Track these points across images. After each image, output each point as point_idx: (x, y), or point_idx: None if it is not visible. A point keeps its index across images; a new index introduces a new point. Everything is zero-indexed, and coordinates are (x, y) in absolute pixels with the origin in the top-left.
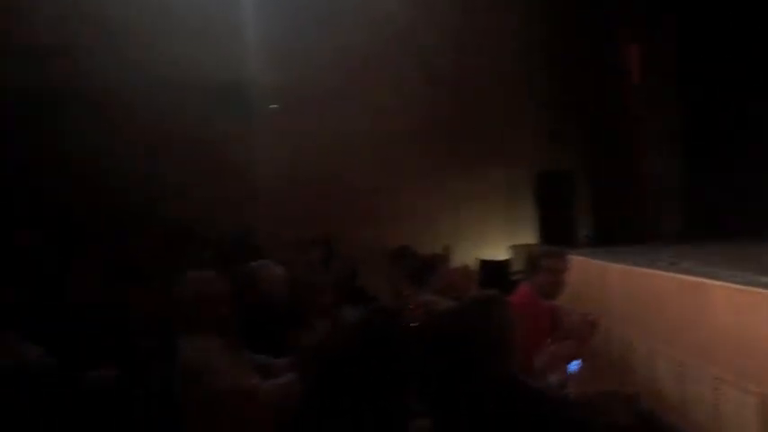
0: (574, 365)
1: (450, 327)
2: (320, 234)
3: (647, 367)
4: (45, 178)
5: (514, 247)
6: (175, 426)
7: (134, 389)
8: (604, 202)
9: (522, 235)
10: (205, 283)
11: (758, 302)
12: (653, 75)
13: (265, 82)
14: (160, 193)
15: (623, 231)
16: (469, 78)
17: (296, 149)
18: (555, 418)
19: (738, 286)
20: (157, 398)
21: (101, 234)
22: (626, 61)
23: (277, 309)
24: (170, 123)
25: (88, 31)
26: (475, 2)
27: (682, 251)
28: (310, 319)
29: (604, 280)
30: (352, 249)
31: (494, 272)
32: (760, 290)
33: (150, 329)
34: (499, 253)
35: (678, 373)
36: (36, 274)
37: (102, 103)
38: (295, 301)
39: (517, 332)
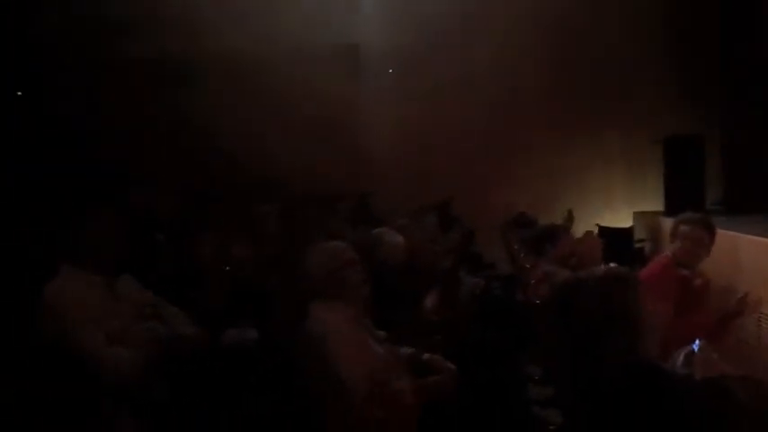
0: (696, 345)
1: (577, 301)
2: (436, 199)
3: None
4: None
5: (638, 215)
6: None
7: (273, 352)
8: (738, 168)
9: (647, 202)
10: (336, 252)
11: None
12: None
13: (379, 44)
14: (275, 157)
15: (758, 200)
16: (596, 35)
17: (409, 112)
18: (680, 400)
19: None
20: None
21: (222, 200)
22: None
23: (396, 277)
24: (284, 87)
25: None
26: None
27: None
28: (428, 287)
29: (736, 253)
30: (468, 215)
31: (616, 240)
32: None
33: (283, 294)
34: (622, 220)
35: None
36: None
37: (219, 69)
38: (413, 268)
39: (647, 311)
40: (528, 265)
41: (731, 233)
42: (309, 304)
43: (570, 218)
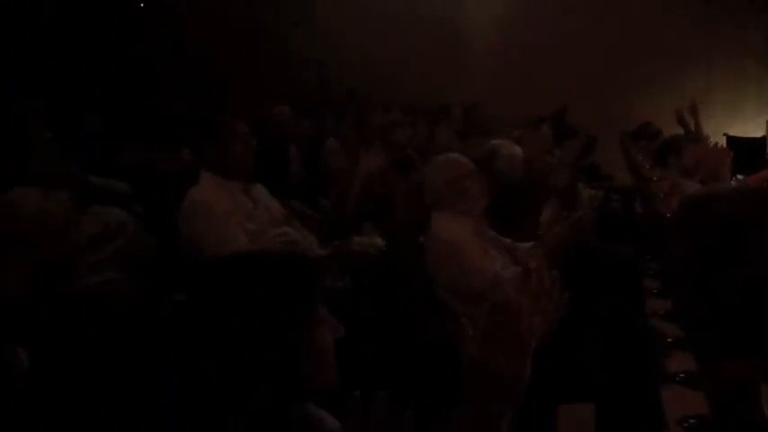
0: None
1: (709, 215)
2: (552, 109)
3: None
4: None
5: None
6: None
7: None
8: None
9: None
10: (455, 163)
11: None
12: None
13: None
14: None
15: None
16: None
17: (516, 14)
18: None
19: None
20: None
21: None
22: None
23: (513, 189)
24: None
25: None
26: None
27: None
28: (546, 200)
29: None
30: (583, 126)
31: (746, 150)
32: None
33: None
34: (753, 130)
35: None
36: None
37: None
38: (530, 181)
39: None
40: (654, 178)
41: None
42: (430, 214)
43: (697, 128)
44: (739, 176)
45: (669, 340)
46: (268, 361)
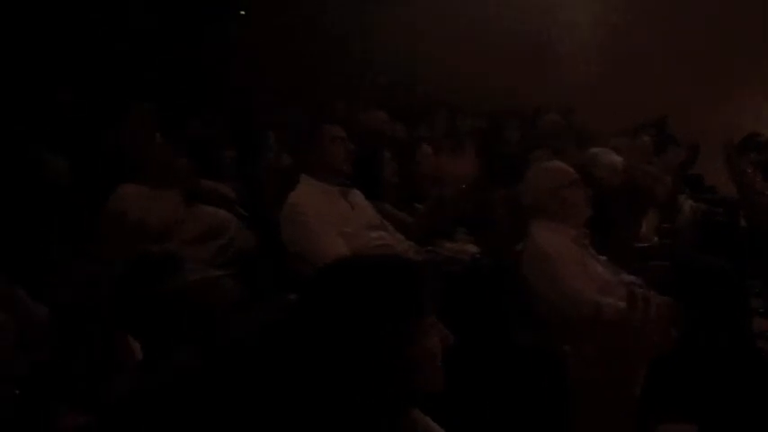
0: None
1: None
2: (652, 116)
3: None
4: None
5: None
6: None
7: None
8: None
9: None
10: (558, 170)
11: None
12: None
13: None
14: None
15: None
16: None
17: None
18: None
19: None
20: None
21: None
22: None
23: (612, 199)
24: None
25: None
26: None
27: None
28: (645, 211)
29: None
30: (688, 133)
31: None
32: None
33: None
34: None
35: None
36: None
37: None
38: (629, 190)
39: None
40: (766, 192)
41: None
42: (529, 222)
43: None
44: None
45: None
46: (378, 365)
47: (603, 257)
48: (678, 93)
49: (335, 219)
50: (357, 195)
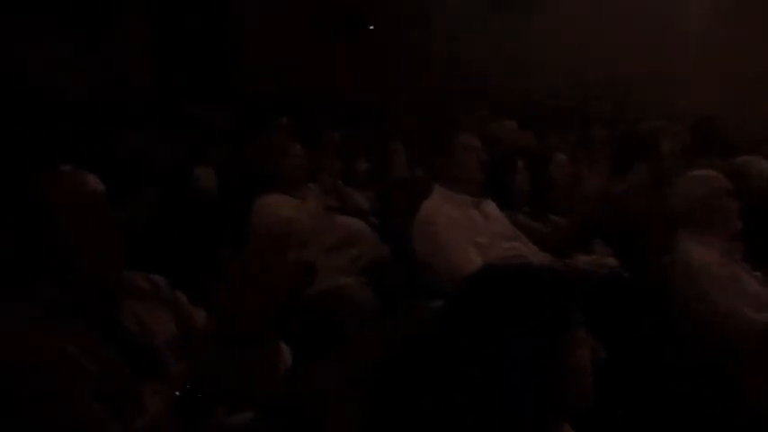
0: None
1: None
2: None
3: None
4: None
5: None
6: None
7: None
8: None
9: None
10: (710, 180)
11: None
12: None
13: None
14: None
15: None
16: None
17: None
18: None
19: None
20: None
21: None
22: None
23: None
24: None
25: None
26: None
27: None
28: None
29: None
30: None
31: None
32: None
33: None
34: None
35: None
36: None
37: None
38: None
39: None
40: None
41: None
42: (677, 234)
43: None
44: None
45: None
46: (532, 379)
47: (758, 273)
48: None
49: (468, 229)
50: (490, 205)
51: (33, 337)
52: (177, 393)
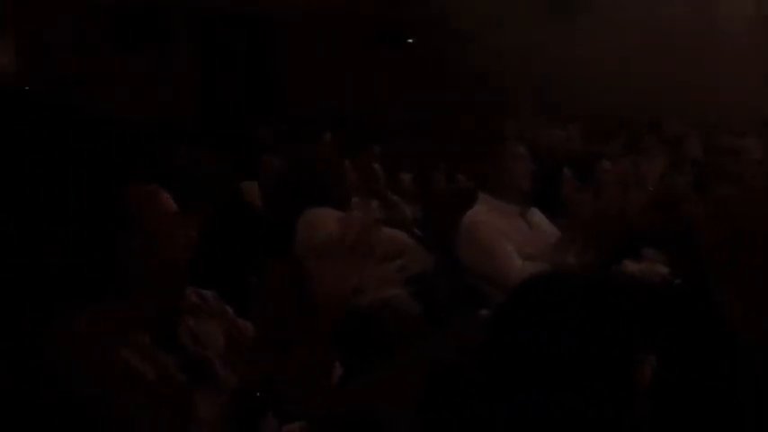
0: None
1: None
2: None
3: None
4: None
5: None
6: None
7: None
8: None
9: None
10: None
11: None
12: None
13: None
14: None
15: None
16: None
17: None
18: None
19: None
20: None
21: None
22: None
23: None
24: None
25: None
26: None
27: None
28: None
29: None
30: None
31: None
32: None
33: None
34: None
35: None
36: None
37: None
38: None
39: None
40: None
41: None
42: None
43: None
44: None
45: None
46: (602, 396)
47: None
48: None
49: (515, 238)
50: (536, 214)
51: (102, 346)
52: (233, 396)
